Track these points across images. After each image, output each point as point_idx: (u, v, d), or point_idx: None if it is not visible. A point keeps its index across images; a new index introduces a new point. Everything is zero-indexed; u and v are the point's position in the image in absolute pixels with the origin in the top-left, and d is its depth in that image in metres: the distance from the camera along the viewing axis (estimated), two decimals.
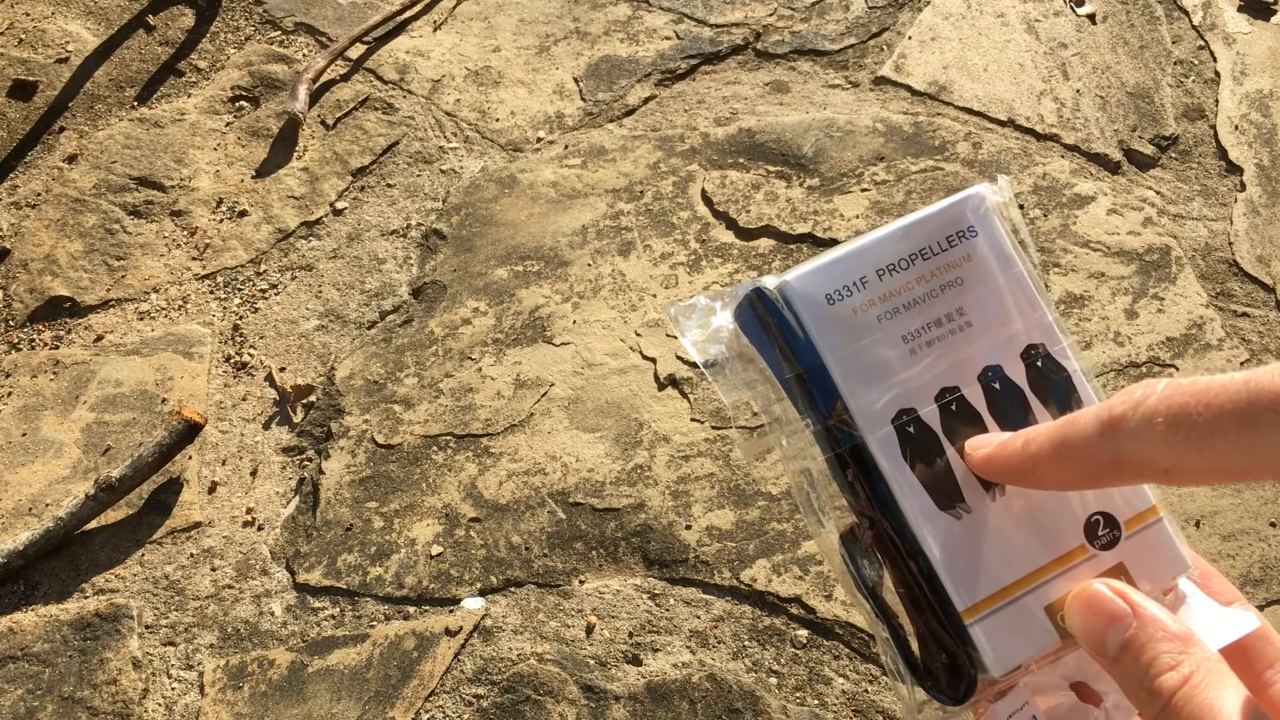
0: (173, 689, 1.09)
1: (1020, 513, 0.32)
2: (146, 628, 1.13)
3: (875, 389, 0.32)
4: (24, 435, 1.27)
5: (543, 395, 1.25)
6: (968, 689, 0.30)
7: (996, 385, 0.33)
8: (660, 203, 1.42)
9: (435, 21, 1.69)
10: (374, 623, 1.11)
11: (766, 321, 0.33)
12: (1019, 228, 0.35)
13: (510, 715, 1.03)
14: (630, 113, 1.55)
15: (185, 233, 1.46)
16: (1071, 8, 1.62)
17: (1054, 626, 0.31)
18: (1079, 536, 0.32)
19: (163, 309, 1.39)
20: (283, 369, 1.32)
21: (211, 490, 1.22)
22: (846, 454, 0.32)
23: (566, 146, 1.51)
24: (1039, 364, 0.33)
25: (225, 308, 1.39)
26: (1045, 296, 0.34)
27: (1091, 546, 0.31)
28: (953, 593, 0.31)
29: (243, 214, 1.47)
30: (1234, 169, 1.43)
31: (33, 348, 1.36)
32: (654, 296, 1.33)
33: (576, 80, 1.59)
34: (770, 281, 0.33)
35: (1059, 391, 0.33)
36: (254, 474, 1.24)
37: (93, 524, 1.19)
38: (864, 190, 1.40)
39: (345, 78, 1.61)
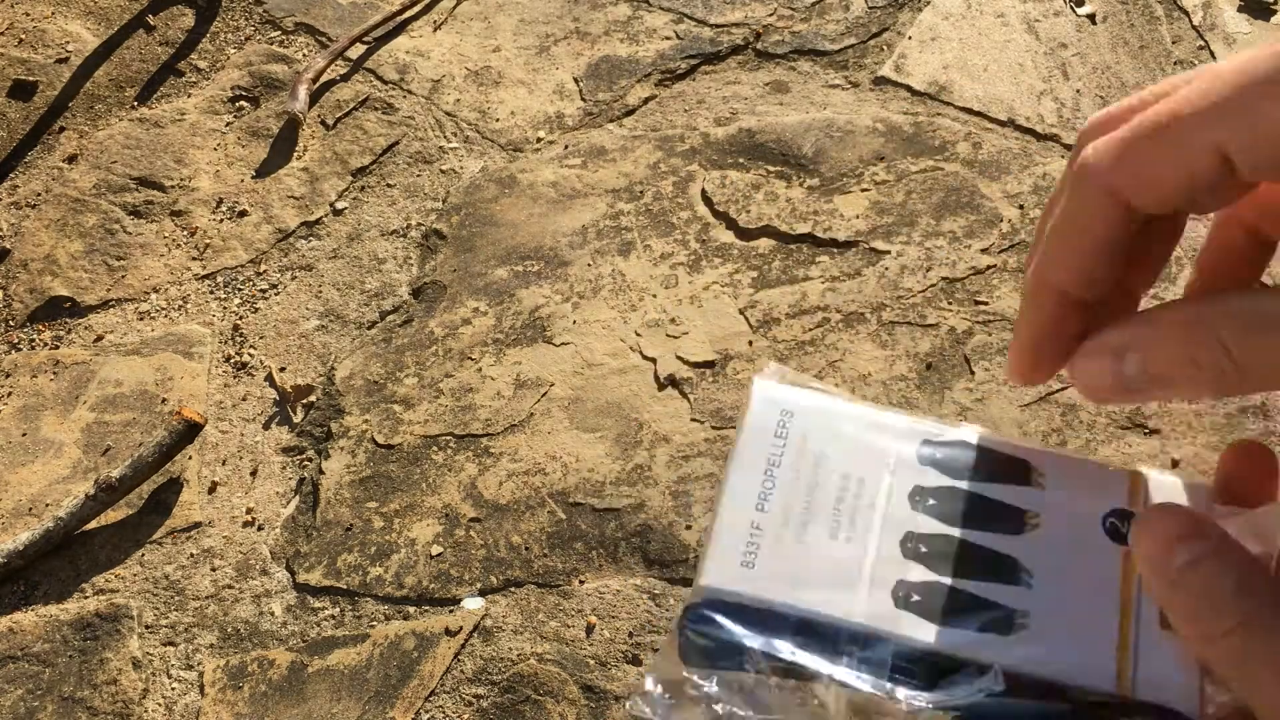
0: (173, 689, 1.09)
1: None
2: (146, 628, 1.13)
3: (851, 591, 0.31)
4: (24, 435, 1.27)
5: (543, 395, 1.25)
6: None
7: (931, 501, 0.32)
8: (660, 203, 1.42)
9: (435, 21, 1.69)
10: (374, 623, 1.11)
11: (719, 631, 0.30)
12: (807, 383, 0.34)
13: (510, 715, 1.03)
14: (630, 113, 1.55)
15: (185, 233, 1.46)
16: (1071, 8, 1.62)
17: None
18: None
19: (163, 309, 1.39)
20: (283, 369, 1.32)
21: (211, 490, 1.22)
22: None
23: (566, 146, 1.51)
24: (937, 454, 0.32)
25: (225, 308, 1.39)
26: (892, 409, 0.34)
27: None
28: None
29: (243, 214, 1.47)
30: None
31: (33, 348, 1.36)
32: (654, 296, 1.33)
33: (576, 80, 1.59)
34: (689, 599, 0.31)
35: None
36: (254, 474, 1.24)
37: (93, 524, 1.19)
38: (864, 190, 1.40)
39: (345, 78, 1.61)
